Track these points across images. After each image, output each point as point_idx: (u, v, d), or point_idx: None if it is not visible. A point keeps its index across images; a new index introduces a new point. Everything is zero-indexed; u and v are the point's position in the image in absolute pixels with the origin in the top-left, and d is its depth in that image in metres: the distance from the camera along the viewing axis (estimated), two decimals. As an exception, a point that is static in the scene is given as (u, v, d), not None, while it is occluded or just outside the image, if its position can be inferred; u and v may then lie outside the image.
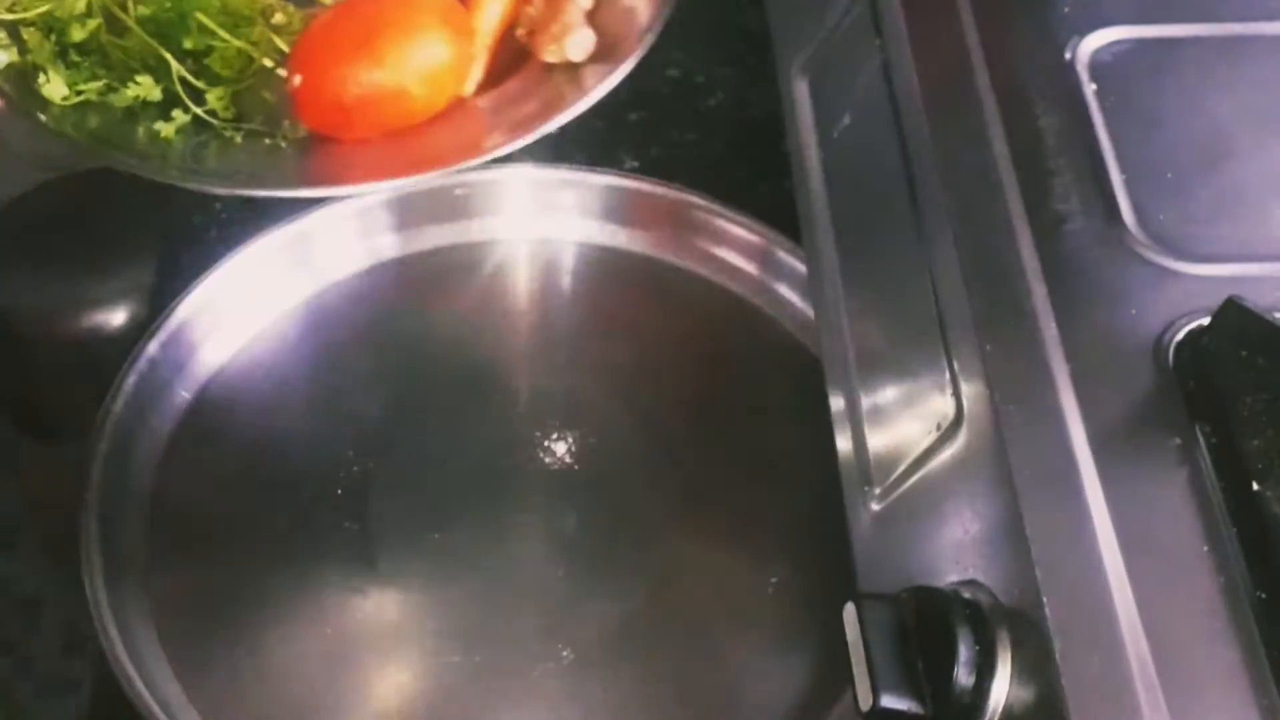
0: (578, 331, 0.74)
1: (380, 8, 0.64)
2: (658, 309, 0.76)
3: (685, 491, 0.68)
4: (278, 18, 0.69)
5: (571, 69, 0.67)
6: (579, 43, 0.67)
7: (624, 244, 0.78)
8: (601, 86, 0.65)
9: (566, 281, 0.77)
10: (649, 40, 0.65)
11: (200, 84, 0.65)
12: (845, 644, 0.46)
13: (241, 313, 0.75)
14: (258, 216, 0.81)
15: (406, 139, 0.66)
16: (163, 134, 0.64)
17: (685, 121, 0.88)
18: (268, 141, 0.67)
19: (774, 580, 0.65)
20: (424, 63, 0.64)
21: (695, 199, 0.78)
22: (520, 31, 0.71)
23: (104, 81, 0.65)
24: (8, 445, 0.74)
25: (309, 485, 0.68)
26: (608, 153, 0.86)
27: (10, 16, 0.64)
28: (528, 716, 0.61)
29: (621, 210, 0.78)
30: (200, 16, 0.65)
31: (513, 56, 0.70)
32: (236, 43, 0.66)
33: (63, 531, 0.64)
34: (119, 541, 0.65)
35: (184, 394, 0.72)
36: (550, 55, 0.68)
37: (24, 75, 0.64)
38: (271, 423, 0.71)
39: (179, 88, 0.65)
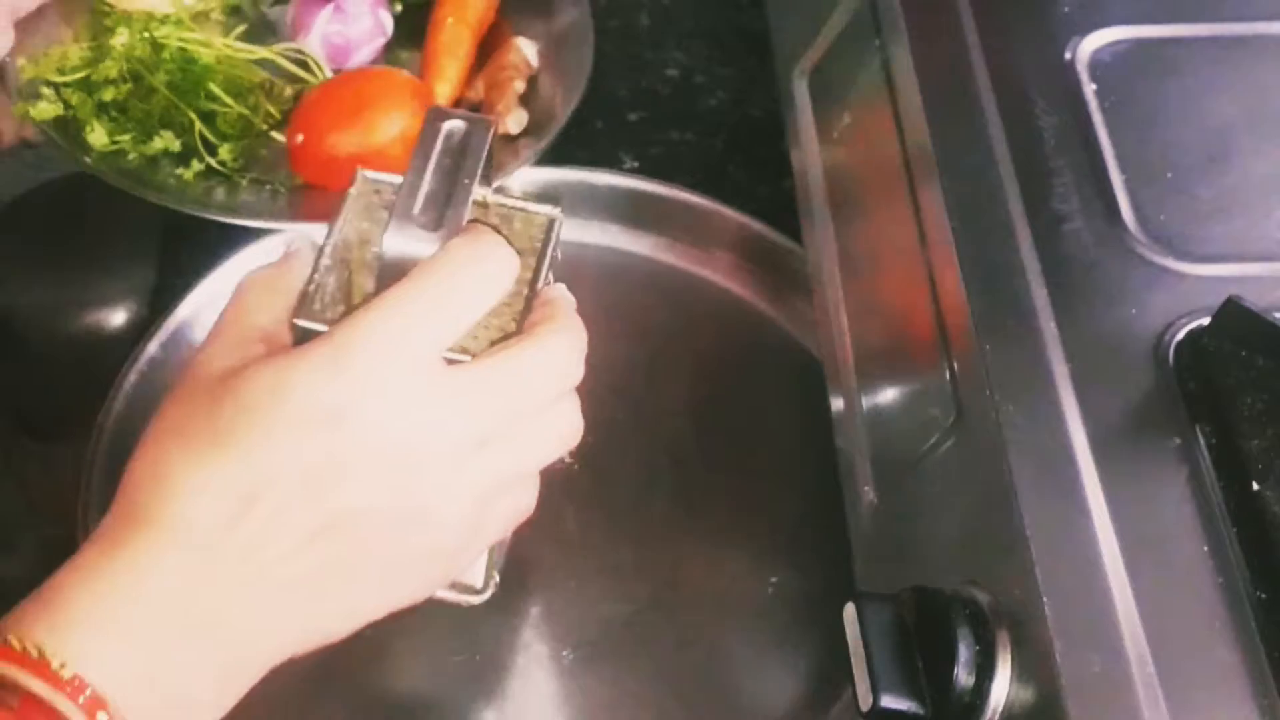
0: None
1: (367, 86, 0.81)
2: (657, 309, 0.76)
3: (685, 491, 0.68)
4: (276, 90, 0.83)
5: (508, 140, 0.81)
6: (517, 119, 0.81)
7: (624, 244, 0.78)
8: (532, 154, 0.78)
9: (566, 282, 0.77)
10: (565, 120, 0.80)
11: (214, 139, 0.79)
12: (845, 644, 0.46)
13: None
14: (258, 217, 0.81)
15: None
16: (184, 177, 0.78)
17: (685, 121, 0.88)
18: (268, 187, 0.79)
19: (774, 580, 0.65)
20: (399, 130, 0.78)
21: (695, 199, 0.78)
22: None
23: (133, 134, 0.79)
24: (8, 445, 0.74)
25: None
26: (608, 153, 0.86)
27: (57, 79, 0.78)
28: (529, 716, 0.61)
29: (621, 210, 0.78)
30: (211, 85, 0.80)
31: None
32: (238, 108, 0.80)
33: (63, 533, 0.64)
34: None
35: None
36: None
37: (67, 125, 0.78)
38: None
39: (197, 141, 0.79)
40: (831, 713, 0.60)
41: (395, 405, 0.42)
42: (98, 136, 0.77)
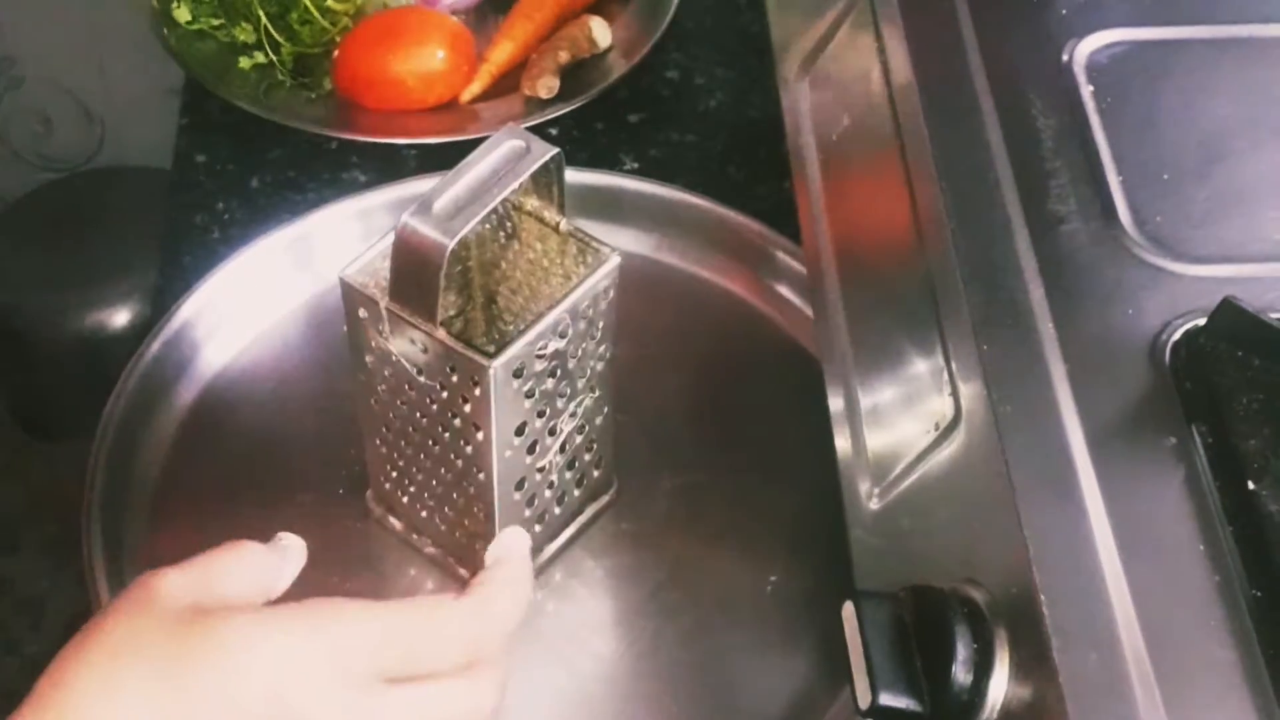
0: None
1: (409, 19, 0.90)
2: (657, 309, 0.76)
3: (685, 491, 0.69)
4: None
5: (540, 102, 0.89)
6: (546, 86, 0.88)
7: (624, 245, 0.78)
8: (552, 113, 0.87)
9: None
10: (598, 90, 0.88)
11: (281, 40, 0.90)
12: (844, 642, 0.46)
13: (244, 313, 0.75)
14: (260, 218, 0.82)
15: (413, 117, 0.89)
16: (241, 66, 0.89)
17: (685, 123, 0.89)
18: (312, 95, 0.90)
19: (773, 580, 0.65)
20: (422, 65, 0.88)
21: (695, 199, 0.78)
22: (525, 81, 0.91)
23: (220, 21, 0.91)
24: (11, 445, 0.74)
25: (311, 484, 0.68)
26: (608, 153, 0.86)
27: None
28: (530, 716, 0.62)
29: (622, 211, 0.79)
30: (306, 2, 0.90)
31: (506, 90, 0.93)
32: (321, 22, 0.90)
33: (65, 532, 0.64)
34: (122, 541, 0.65)
35: (187, 394, 0.72)
36: (527, 90, 0.89)
37: (166, 6, 0.93)
38: (274, 422, 0.71)
39: (264, 39, 0.90)
40: (831, 710, 0.61)
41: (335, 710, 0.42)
42: (182, 13, 0.91)
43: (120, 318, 0.77)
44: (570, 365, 0.57)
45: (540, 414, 0.57)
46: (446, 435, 0.58)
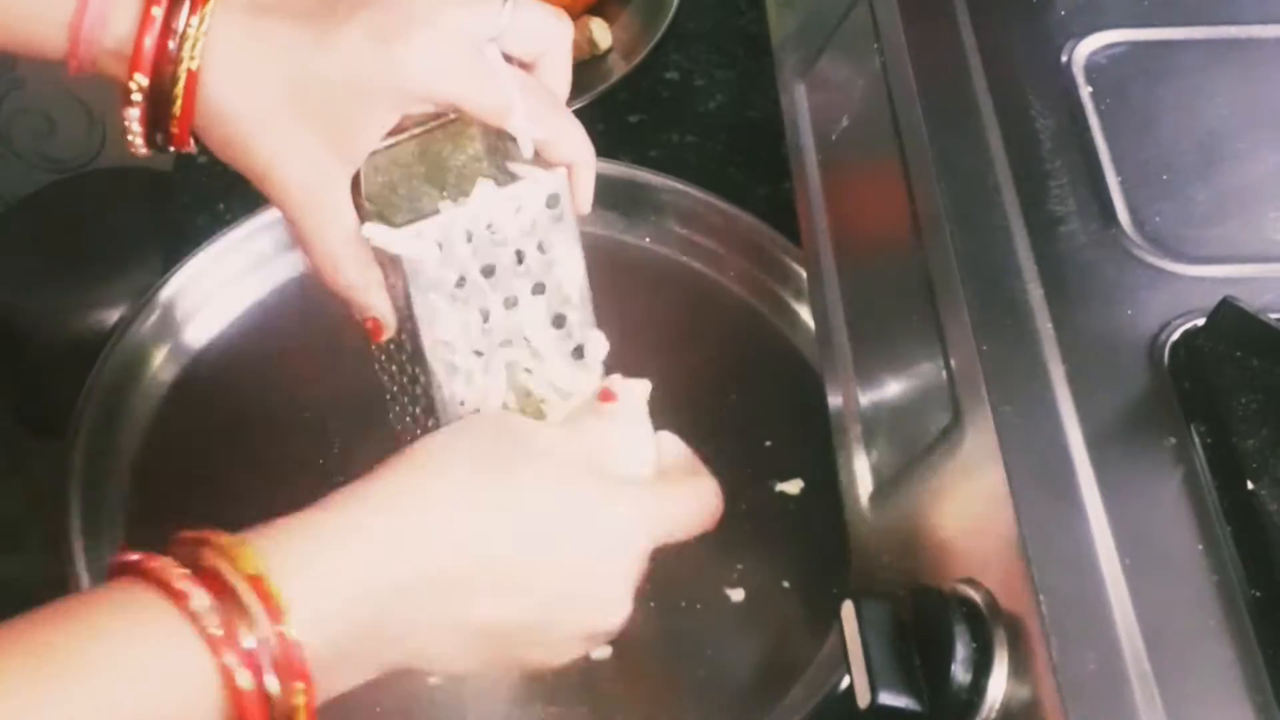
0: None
1: None
2: (657, 308, 0.76)
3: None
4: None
5: None
6: None
7: (622, 236, 0.78)
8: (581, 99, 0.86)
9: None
10: (598, 92, 0.88)
11: None
12: (844, 642, 0.46)
13: (228, 291, 0.74)
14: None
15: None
16: None
17: (685, 124, 0.89)
18: None
19: (778, 581, 0.65)
20: None
21: (696, 194, 0.78)
22: None
23: None
24: (11, 444, 0.74)
25: (292, 464, 0.67)
26: (608, 154, 0.86)
27: None
28: (529, 714, 0.62)
29: (621, 202, 0.78)
30: None
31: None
32: None
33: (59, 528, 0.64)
34: (102, 529, 0.65)
35: (168, 372, 0.72)
36: None
37: None
38: (256, 400, 0.70)
39: None
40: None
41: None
42: None
43: (119, 318, 0.77)
44: (500, 272, 0.55)
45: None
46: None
